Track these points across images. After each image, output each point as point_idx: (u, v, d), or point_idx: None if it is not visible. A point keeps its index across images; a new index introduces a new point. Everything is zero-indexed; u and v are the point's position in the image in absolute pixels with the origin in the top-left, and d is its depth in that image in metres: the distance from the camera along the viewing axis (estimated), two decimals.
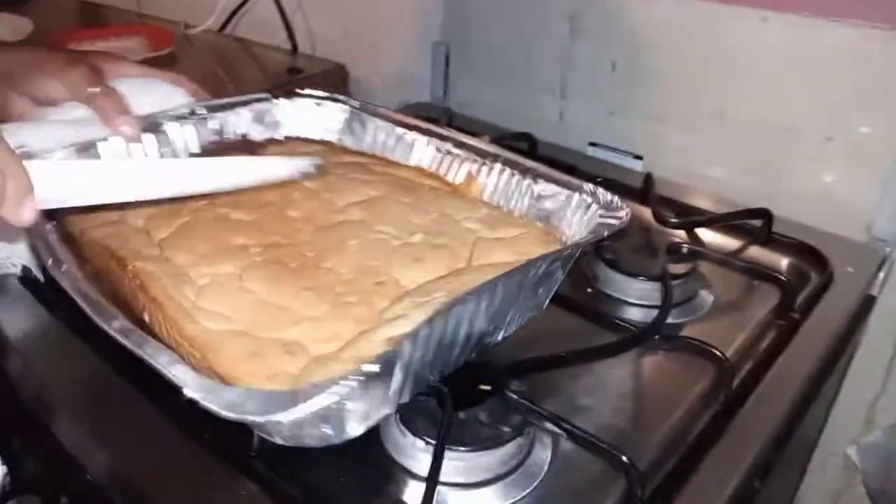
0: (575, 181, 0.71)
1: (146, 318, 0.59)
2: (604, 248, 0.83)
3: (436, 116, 1.20)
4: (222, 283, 0.59)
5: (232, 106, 0.86)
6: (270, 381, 0.48)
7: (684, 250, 0.83)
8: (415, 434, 0.56)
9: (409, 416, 0.57)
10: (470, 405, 0.59)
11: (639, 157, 1.11)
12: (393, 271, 0.62)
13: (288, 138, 0.89)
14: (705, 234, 0.92)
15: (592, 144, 1.16)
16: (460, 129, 1.11)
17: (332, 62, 1.46)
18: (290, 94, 0.90)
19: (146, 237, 0.66)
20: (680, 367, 0.70)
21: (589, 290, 0.83)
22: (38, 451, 0.67)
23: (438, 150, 0.83)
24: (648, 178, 0.99)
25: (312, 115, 0.90)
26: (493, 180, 0.77)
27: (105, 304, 0.49)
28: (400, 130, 0.86)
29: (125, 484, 0.56)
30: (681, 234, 0.91)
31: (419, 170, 0.83)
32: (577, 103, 1.16)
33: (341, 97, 0.91)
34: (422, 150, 0.84)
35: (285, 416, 0.41)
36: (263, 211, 0.70)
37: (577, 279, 0.83)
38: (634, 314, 0.78)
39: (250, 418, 0.41)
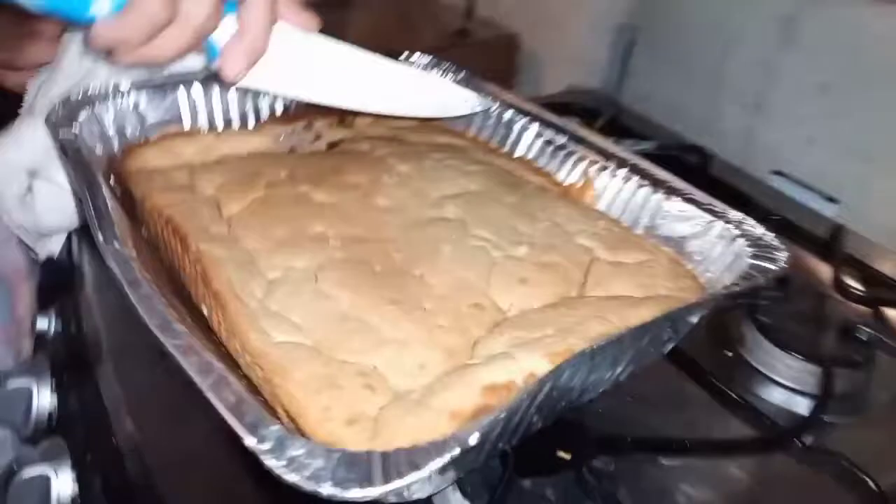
0: (719, 205, 0.59)
1: (204, 310, 0.51)
2: (758, 305, 0.68)
3: (598, 108, 1.08)
4: (296, 280, 0.51)
5: None
6: (350, 428, 0.39)
7: (863, 334, 0.66)
8: (464, 495, 0.47)
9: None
10: (539, 473, 0.49)
11: (833, 200, 0.91)
12: (492, 291, 0.52)
13: None
14: None
15: (778, 174, 0.97)
16: (624, 129, 1.00)
17: (506, 30, 1.34)
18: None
19: (215, 210, 0.58)
20: (817, 483, 0.53)
21: (728, 352, 0.67)
22: (82, 396, 0.61)
23: (549, 142, 0.72)
24: (839, 229, 0.82)
25: None
26: (614, 188, 0.66)
27: (162, 306, 0.41)
28: (509, 114, 0.75)
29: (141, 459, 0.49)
30: (864, 311, 0.72)
31: (525, 163, 0.72)
32: (770, 122, 0.98)
33: (449, 64, 0.80)
34: (530, 140, 0.73)
35: (363, 495, 0.32)
36: (347, 195, 0.61)
37: (712, 333, 0.69)
38: (776, 396, 0.62)
39: (327, 492, 0.32)
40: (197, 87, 0.67)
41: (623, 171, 0.65)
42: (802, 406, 0.62)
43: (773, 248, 0.54)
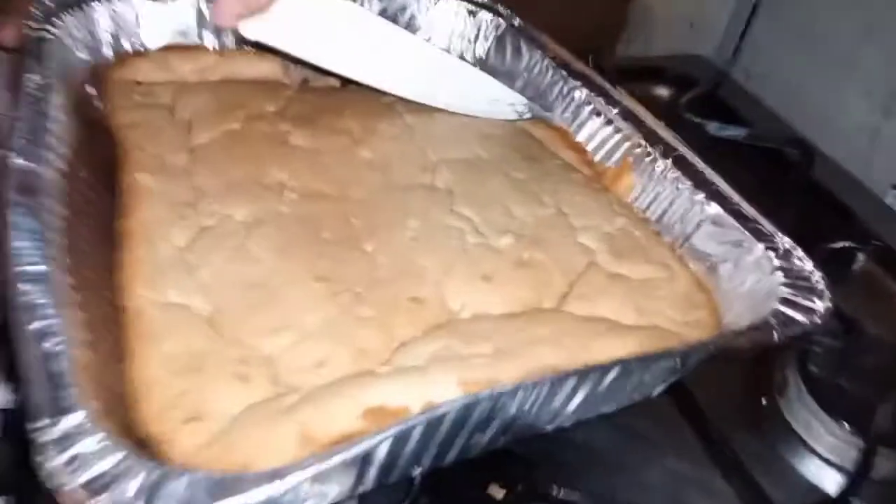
0: (766, 225, 0.47)
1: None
2: (812, 350, 0.55)
3: (698, 77, 0.93)
4: (225, 233, 0.45)
5: None
6: (187, 426, 0.33)
7: None
8: None
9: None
10: None
11: None
12: (446, 285, 0.44)
13: None
14: None
15: None
16: (721, 107, 0.87)
17: None
18: None
19: (185, 136, 0.52)
20: None
21: (764, 398, 0.56)
22: None
23: (598, 113, 0.60)
24: None
25: (460, 25, 0.70)
26: (653, 180, 0.54)
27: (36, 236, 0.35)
28: (556, 76, 0.63)
29: None
30: None
31: (561, 133, 0.61)
32: None
33: (503, 9, 0.70)
34: (574, 109, 0.62)
35: None
36: (330, 141, 0.53)
37: (753, 368, 0.57)
38: (806, 466, 0.51)
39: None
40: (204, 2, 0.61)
41: (666, 162, 0.54)
42: (832, 482, 0.50)
43: (813, 294, 0.42)
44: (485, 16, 0.69)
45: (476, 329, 0.41)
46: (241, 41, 0.47)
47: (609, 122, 0.59)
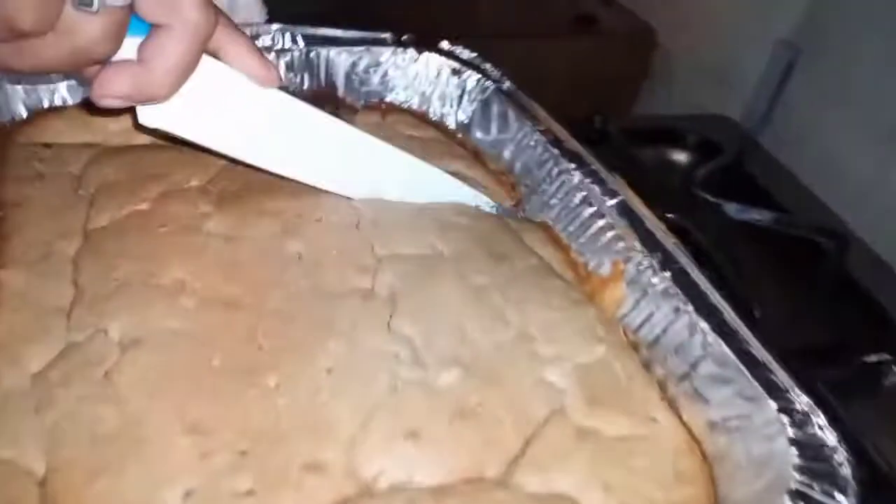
0: (782, 375, 0.37)
1: None
2: None
3: (722, 143, 0.82)
4: (91, 357, 0.36)
5: (336, 42, 0.59)
6: None
7: None
8: None
9: None
10: None
11: None
12: (360, 444, 0.34)
13: (390, 106, 0.61)
14: None
15: None
16: (746, 181, 0.78)
17: (640, 21, 1.07)
18: (421, 46, 0.61)
19: (84, 214, 0.44)
20: None
21: None
22: None
23: (590, 203, 0.50)
24: None
25: (441, 85, 0.61)
26: (651, 296, 0.44)
27: None
28: (546, 154, 0.54)
29: None
30: None
31: (543, 227, 0.52)
32: None
33: (492, 70, 0.60)
34: (562, 196, 0.52)
35: None
36: (255, 227, 0.44)
37: None
38: None
39: None
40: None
41: (665, 276, 0.44)
42: None
43: (835, 486, 0.32)
44: (471, 76, 0.60)
45: None
46: (137, 126, 0.38)
47: (601, 215, 0.49)
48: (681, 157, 0.81)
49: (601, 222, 0.49)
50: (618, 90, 1.02)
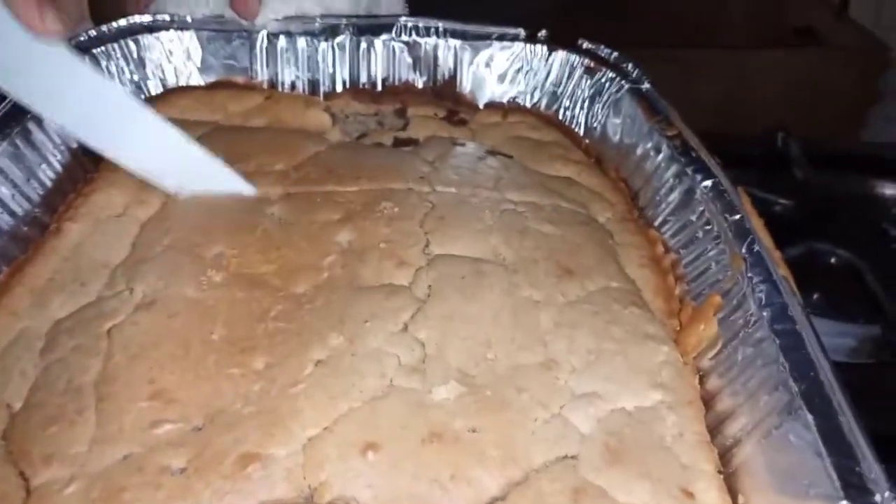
0: (866, 468, 0.26)
1: None
2: None
3: None
4: (106, 310, 0.36)
5: (464, 35, 0.56)
6: None
7: None
8: None
9: None
10: None
11: None
12: (312, 446, 0.30)
13: (513, 106, 0.56)
14: None
15: None
16: None
17: (871, 37, 0.92)
18: (555, 43, 0.56)
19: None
20: None
21: None
22: None
23: (707, 222, 0.42)
24: None
25: (572, 85, 0.55)
26: (744, 345, 0.35)
27: None
28: (671, 161, 0.46)
29: None
30: None
31: (651, 243, 0.44)
32: None
33: (632, 69, 0.53)
34: (676, 209, 0.44)
35: None
36: (314, 214, 0.43)
37: None
38: None
39: None
40: (263, 40, 0.55)
41: (763, 317, 0.34)
42: None
43: None
44: (605, 75, 0.54)
45: None
46: None
47: (717, 237, 0.40)
48: (887, 190, 0.64)
49: (713, 244, 0.40)
50: (837, 112, 0.85)
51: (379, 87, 0.57)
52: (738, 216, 0.40)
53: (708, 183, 0.43)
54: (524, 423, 0.31)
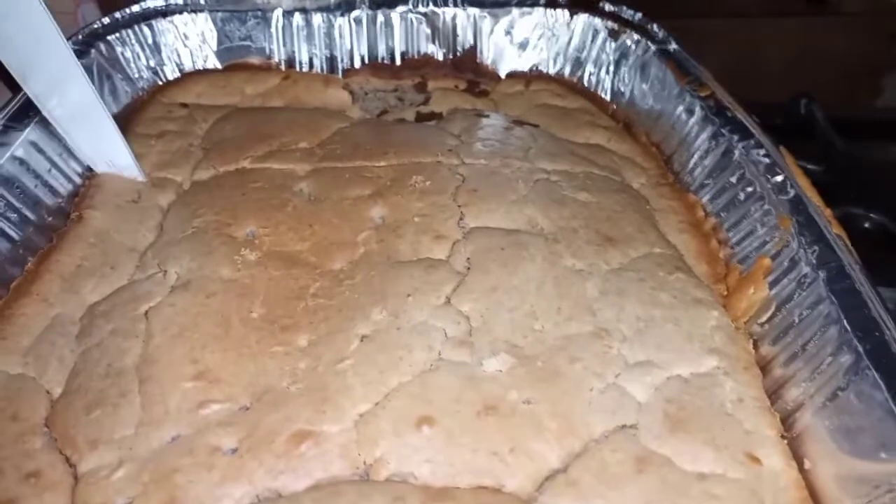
0: None
1: None
2: None
3: None
4: (140, 292, 0.35)
5: (481, 3, 0.55)
6: None
7: None
8: None
9: None
10: None
11: None
12: (366, 422, 0.30)
13: (536, 74, 0.55)
14: None
15: None
16: None
17: (884, 2, 0.89)
18: (577, 7, 0.54)
19: (191, 168, 0.45)
20: None
21: None
22: None
23: (749, 184, 0.41)
24: None
25: (596, 49, 0.54)
26: (794, 306, 0.34)
27: None
28: (705, 122, 0.45)
29: None
30: None
31: (689, 208, 0.43)
32: None
33: (656, 29, 0.52)
34: (713, 170, 0.43)
35: None
36: (345, 190, 0.42)
37: None
38: None
39: None
40: (279, 18, 0.53)
41: (818, 277, 0.33)
42: None
43: None
44: (630, 37, 0.52)
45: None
46: None
47: (760, 198, 0.39)
48: None
49: (757, 205, 0.39)
50: (852, 79, 0.84)
51: (398, 61, 0.55)
52: (781, 176, 0.39)
53: (747, 143, 0.41)
54: (580, 393, 0.30)
